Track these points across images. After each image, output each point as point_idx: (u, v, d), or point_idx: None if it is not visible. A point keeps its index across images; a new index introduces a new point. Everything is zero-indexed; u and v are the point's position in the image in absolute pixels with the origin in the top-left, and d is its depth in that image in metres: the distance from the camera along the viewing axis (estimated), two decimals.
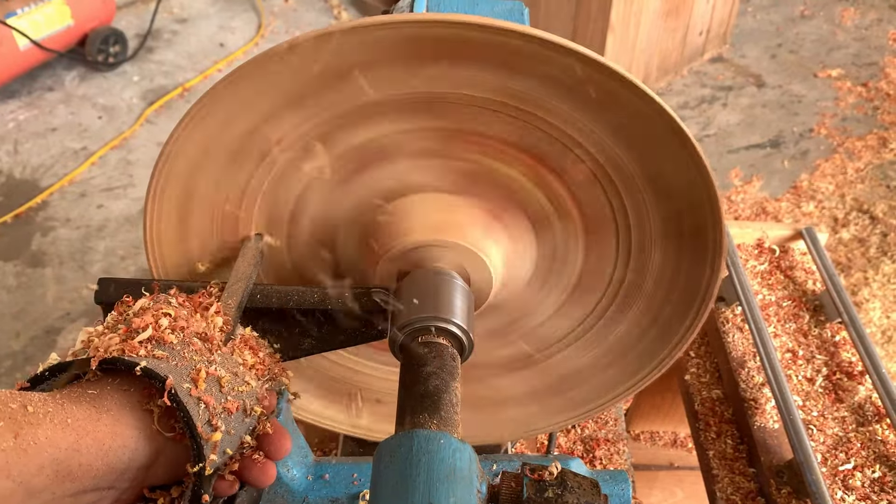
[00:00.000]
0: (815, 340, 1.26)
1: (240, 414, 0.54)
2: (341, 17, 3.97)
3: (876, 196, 2.89)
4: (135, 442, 0.47)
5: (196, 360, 0.53)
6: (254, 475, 0.57)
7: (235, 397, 0.54)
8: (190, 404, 0.49)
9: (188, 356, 0.52)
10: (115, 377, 0.49)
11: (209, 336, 0.56)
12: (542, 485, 0.52)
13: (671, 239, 0.74)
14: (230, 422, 0.52)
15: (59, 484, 0.43)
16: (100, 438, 0.45)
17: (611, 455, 1.23)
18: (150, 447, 0.48)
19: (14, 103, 3.24)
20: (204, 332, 0.56)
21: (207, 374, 0.52)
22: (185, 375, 0.50)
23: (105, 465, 0.45)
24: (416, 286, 0.69)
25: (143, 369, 0.48)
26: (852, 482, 1.03)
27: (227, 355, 0.57)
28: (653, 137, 0.65)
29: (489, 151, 0.69)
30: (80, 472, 0.44)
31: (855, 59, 3.70)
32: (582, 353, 0.86)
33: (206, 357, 0.54)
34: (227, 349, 0.58)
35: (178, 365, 0.51)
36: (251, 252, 0.71)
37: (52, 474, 0.42)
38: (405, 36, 0.60)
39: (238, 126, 0.66)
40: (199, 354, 0.54)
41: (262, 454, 0.58)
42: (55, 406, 0.44)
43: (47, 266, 2.57)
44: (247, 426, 0.55)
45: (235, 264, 0.69)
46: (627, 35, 3.11)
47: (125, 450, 0.47)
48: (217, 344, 0.57)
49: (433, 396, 0.57)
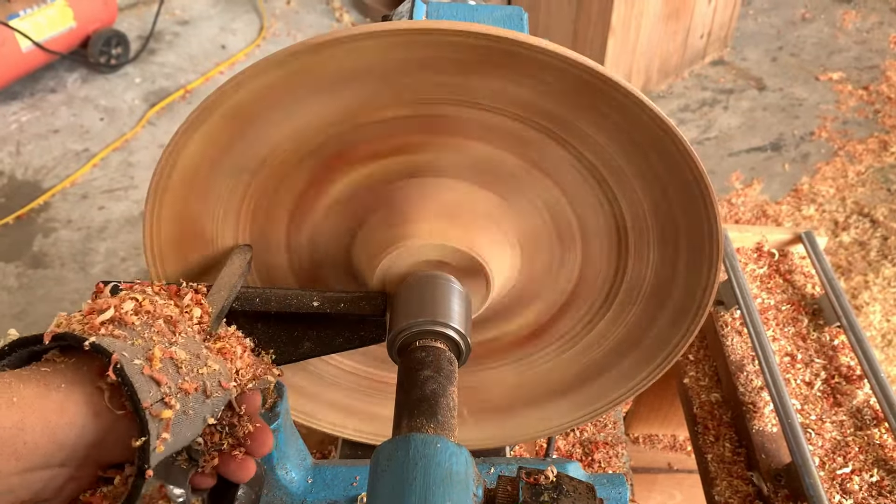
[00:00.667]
0: (813, 344, 1.26)
1: (199, 395, 0.54)
2: (343, 19, 3.98)
3: (876, 199, 2.89)
4: (82, 418, 0.47)
5: (155, 340, 0.53)
6: (232, 470, 0.59)
7: (194, 378, 0.53)
8: (139, 381, 0.48)
9: (147, 336, 0.53)
10: (71, 356, 0.49)
11: (173, 320, 0.56)
12: (537, 489, 0.52)
13: (668, 243, 0.74)
14: (187, 402, 0.52)
15: (3, 462, 0.43)
16: (46, 416, 0.45)
17: (610, 458, 1.23)
18: (98, 424, 0.48)
19: (16, 105, 3.25)
20: (170, 315, 0.56)
21: (164, 353, 0.52)
22: (139, 354, 0.50)
23: (51, 442, 0.45)
24: (413, 290, 0.69)
25: (92, 344, 0.48)
26: (850, 486, 1.04)
27: (191, 339, 0.57)
28: (648, 142, 0.66)
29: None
30: (26, 451, 0.44)
31: (856, 63, 3.71)
32: (580, 357, 0.86)
33: (166, 339, 0.54)
34: (194, 334, 0.58)
35: (133, 344, 0.51)
36: (238, 262, 0.71)
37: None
38: None
39: (237, 134, 0.66)
40: (160, 336, 0.54)
41: (243, 450, 0.59)
42: (1, 385, 0.44)
43: (48, 267, 2.58)
44: (209, 408, 0.55)
45: (221, 272, 0.69)
46: (628, 38, 3.11)
47: (72, 426, 0.46)
48: (183, 328, 0.56)
49: (430, 400, 0.57)
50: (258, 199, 0.73)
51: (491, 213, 0.74)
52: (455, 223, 0.72)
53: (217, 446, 0.58)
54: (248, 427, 0.59)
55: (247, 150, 0.68)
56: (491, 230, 0.74)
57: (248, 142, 0.67)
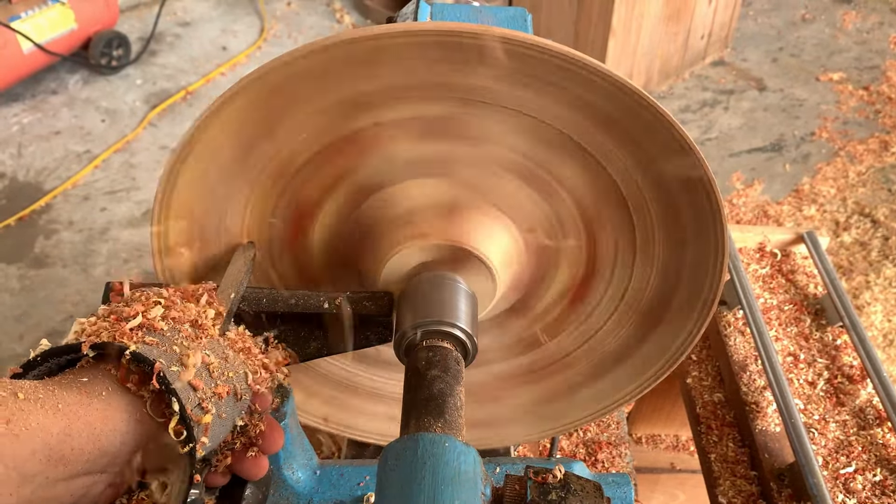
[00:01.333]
0: (816, 344, 1.27)
1: (230, 398, 0.55)
2: (344, 20, 3.98)
3: (877, 200, 2.89)
4: (125, 425, 0.48)
5: (186, 345, 0.53)
6: (246, 468, 0.60)
7: (226, 382, 0.54)
8: (180, 388, 0.49)
9: (178, 342, 0.53)
10: (107, 364, 0.50)
11: (200, 323, 0.57)
12: (545, 488, 0.53)
13: (674, 242, 0.74)
14: (221, 405, 0.53)
15: (51, 468, 0.43)
16: (91, 422, 0.46)
17: (613, 458, 1.23)
18: (141, 431, 0.49)
19: (18, 106, 3.25)
20: (195, 319, 0.57)
21: (199, 359, 0.53)
22: (174, 360, 0.51)
23: (97, 448, 0.46)
24: (420, 291, 0.70)
25: (133, 353, 0.49)
26: (853, 485, 1.04)
27: (216, 342, 0.58)
28: (654, 142, 0.66)
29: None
30: (73, 456, 0.45)
31: (856, 63, 3.71)
32: (588, 357, 0.86)
33: (196, 343, 0.55)
34: (217, 336, 0.59)
35: (167, 350, 0.52)
36: (242, 260, 0.71)
37: (45, 459, 0.43)
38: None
39: (245, 137, 0.67)
40: (189, 340, 0.54)
41: (256, 449, 0.60)
42: (46, 392, 0.45)
43: (50, 269, 2.58)
44: (238, 410, 0.56)
45: (227, 271, 0.69)
46: (629, 39, 3.12)
47: (116, 433, 0.47)
48: (207, 331, 0.57)
49: (438, 400, 0.58)
50: (264, 201, 0.73)
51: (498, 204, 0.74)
52: (461, 227, 0.72)
53: (230, 445, 0.59)
54: (260, 426, 0.59)
55: (260, 149, 0.68)
56: (498, 231, 0.74)
57: (251, 149, 0.68)
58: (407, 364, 0.65)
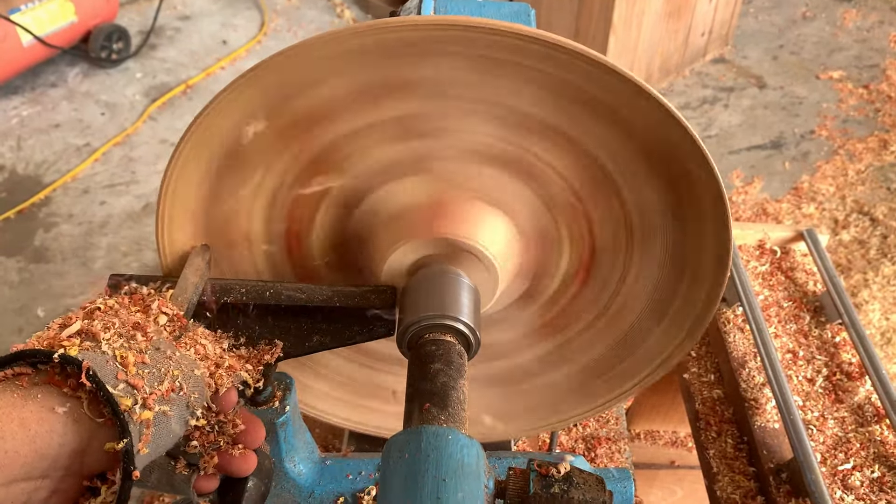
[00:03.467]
0: (815, 341, 1.27)
1: (176, 395, 0.54)
2: (344, 14, 3.98)
3: (876, 198, 2.90)
4: (63, 426, 0.46)
5: (126, 346, 0.53)
6: (235, 465, 0.61)
7: (171, 379, 0.54)
8: (115, 385, 0.49)
9: (118, 344, 0.53)
10: (48, 373, 0.49)
11: (142, 325, 0.57)
12: (548, 480, 0.53)
13: (677, 233, 0.75)
14: (166, 403, 0.53)
15: None
16: (26, 423, 0.45)
17: (612, 453, 1.24)
18: (80, 431, 0.47)
19: (17, 99, 3.25)
20: (137, 322, 0.57)
21: (137, 358, 0.52)
22: (111, 360, 0.51)
23: (33, 451, 0.45)
24: (423, 285, 0.70)
25: (61, 356, 0.48)
26: (851, 482, 1.04)
27: (162, 341, 0.57)
28: (659, 140, 0.66)
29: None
30: (7, 460, 0.43)
31: (856, 61, 3.71)
32: (588, 350, 0.87)
33: (138, 344, 0.54)
34: (165, 337, 0.59)
35: (105, 352, 0.51)
36: (197, 262, 0.71)
37: None
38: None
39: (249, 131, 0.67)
40: (131, 342, 0.54)
41: (241, 446, 0.60)
42: None
43: (50, 262, 2.58)
44: (189, 407, 0.55)
45: (182, 274, 0.69)
46: (629, 36, 3.12)
47: (53, 434, 0.46)
48: (152, 332, 0.57)
49: (441, 393, 0.58)
50: (268, 195, 0.73)
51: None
52: (448, 217, 0.73)
53: (214, 445, 0.59)
54: (237, 422, 0.59)
55: (252, 150, 0.69)
56: (501, 225, 0.74)
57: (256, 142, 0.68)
58: (410, 357, 0.65)
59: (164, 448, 0.53)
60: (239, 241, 0.76)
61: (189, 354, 0.59)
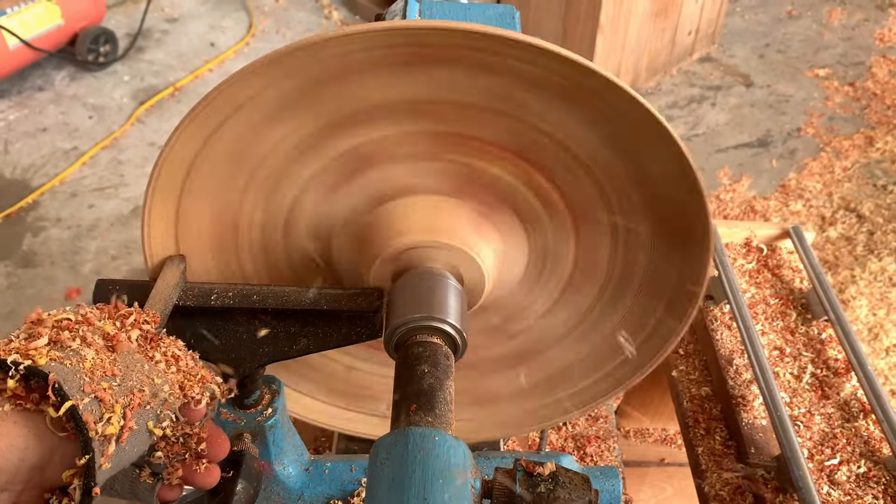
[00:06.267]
0: (801, 338, 1.28)
1: (143, 409, 0.53)
2: (332, 16, 3.98)
3: (863, 195, 2.92)
4: (24, 440, 0.46)
5: (93, 358, 0.52)
6: (199, 479, 0.60)
7: (137, 392, 0.53)
8: (80, 399, 0.48)
9: (86, 356, 0.52)
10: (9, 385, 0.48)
11: (112, 337, 0.56)
12: (534, 480, 0.53)
13: (660, 236, 0.75)
14: (133, 417, 0.52)
15: None
16: None
17: (601, 452, 1.24)
18: (41, 446, 0.47)
19: (4, 103, 3.23)
20: (108, 333, 0.56)
21: (105, 371, 0.51)
22: (77, 373, 0.50)
23: None
24: (409, 287, 0.70)
25: (27, 368, 0.47)
26: (838, 477, 1.05)
27: (131, 354, 0.56)
28: (637, 137, 0.67)
29: (476, 152, 0.71)
30: None
31: (842, 59, 3.74)
32: (573, 350, 0.87)
33: (105, 356, 0.53)
34: (136, 351, 0.58)
35: (71, 364, 0.50)
36: (171, 274, 0.70)
37: None
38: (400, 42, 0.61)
39: (233, 130, 0.67)
40: (98, 354, 0.53)
41: (205, 459, 0.59)
42: None
43: (38, 266, 2.57)
44: (155, 421, 0.55)
45: (155, 285, 0.68)
46: (617, 35, 3.13)
47: (13, 449, 0.45)
48: (121, 344, 0.56)
49: (428, 395, 0.58)
50: (258, 192, 0.73)
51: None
52: (448, 223, 0.73)
53: (179, 457, 0.58)
54: (202, 435, 0.59)
55: (243, 148, 0.69)
56: (485, 227, 0.75)
57: (243, 140, 0.68)
58: (397, 359, 0.65)
59: (128, 462, 0.53)
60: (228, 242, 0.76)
61: (160, 367, 0.58)
